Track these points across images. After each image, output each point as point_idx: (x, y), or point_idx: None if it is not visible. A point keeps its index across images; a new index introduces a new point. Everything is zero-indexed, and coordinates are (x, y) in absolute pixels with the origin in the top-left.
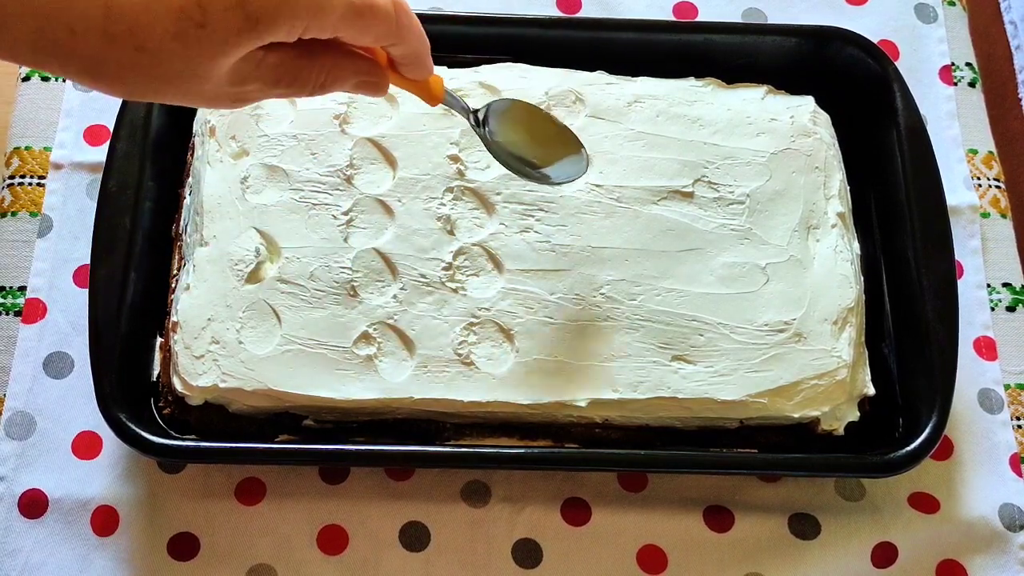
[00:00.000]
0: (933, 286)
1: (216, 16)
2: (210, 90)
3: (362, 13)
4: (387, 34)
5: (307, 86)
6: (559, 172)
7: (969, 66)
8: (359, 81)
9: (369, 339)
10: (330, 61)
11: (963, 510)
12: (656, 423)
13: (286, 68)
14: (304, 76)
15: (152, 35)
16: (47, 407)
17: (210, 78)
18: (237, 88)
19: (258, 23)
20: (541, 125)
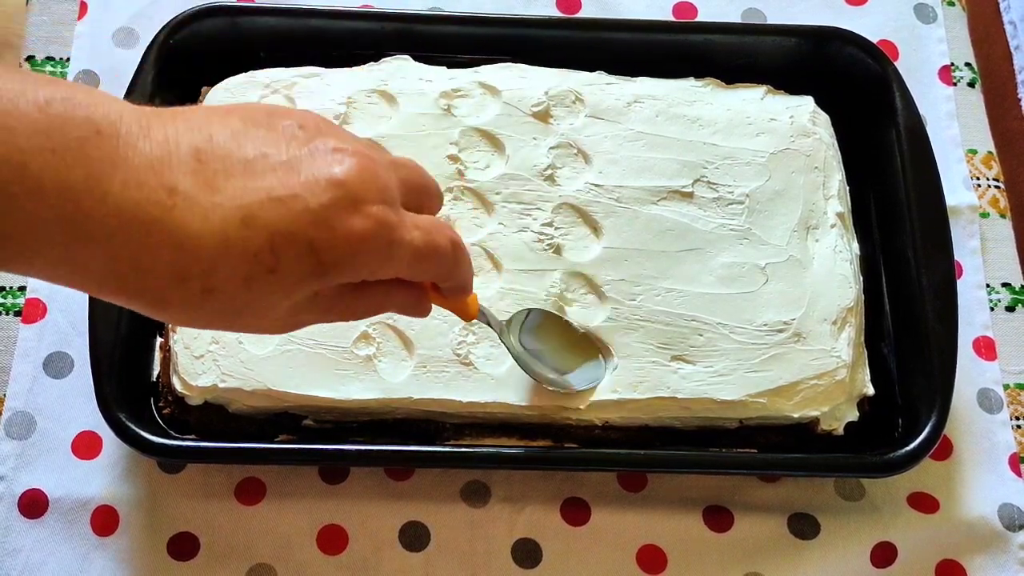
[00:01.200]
0: (933, 286)
1: (288, 263)
2: (266, 324)
3: (426, 258)
4: (444, 275)
5: (356, 315)
6: (580, 378)
7: (968, 66)
8: (404, 306)
9: (368, 339)
10: (382, 291)
11: (963, 510)
12: (656, 423)
13: (340, 300)
14: (354, 308)
15: (223, 279)
16: (47, 407)
17: (268, 315)
18: (293, 318)
19: (328, 271)
20: (564, 333)
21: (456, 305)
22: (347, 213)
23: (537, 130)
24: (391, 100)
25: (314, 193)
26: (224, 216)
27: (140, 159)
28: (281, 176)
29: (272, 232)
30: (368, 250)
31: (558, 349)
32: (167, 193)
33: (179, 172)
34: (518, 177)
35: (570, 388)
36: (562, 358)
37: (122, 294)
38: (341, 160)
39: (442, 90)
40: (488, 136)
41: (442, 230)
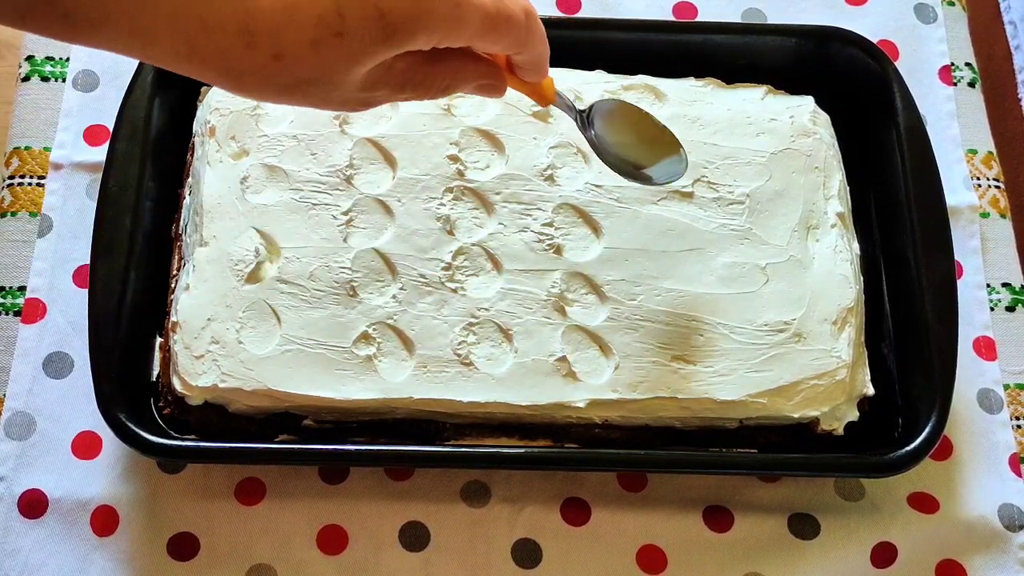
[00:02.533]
0: (933, 286)
1: (355, 26)
2: (339, 96)
3: (496, 24)
4: (517, 43)
5: (432, 90)
6: (660, 172)
7: (969, 66)
8: (480, 84)
9: (369, 339)
10: (455, 65)
11: (963, 510)
12: (656, 423)
13: (413, 73)
14: (430, 81)
15: (290, 43)
16: (47, 407)
17: (341, 85)
18: (366, 93)
19: (396, 34)
20: (643, 125)
21: (531, 88)
22: None
23: (537, 130)
24: None
25: None
26: None
27: None
28: None
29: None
30: (435, 11)
31: (637, 143)
32: None
33: None
34: (518, 177)
35: (649, 181)
36: (641, 151)
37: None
38: None
39: None
40: (488, 136)
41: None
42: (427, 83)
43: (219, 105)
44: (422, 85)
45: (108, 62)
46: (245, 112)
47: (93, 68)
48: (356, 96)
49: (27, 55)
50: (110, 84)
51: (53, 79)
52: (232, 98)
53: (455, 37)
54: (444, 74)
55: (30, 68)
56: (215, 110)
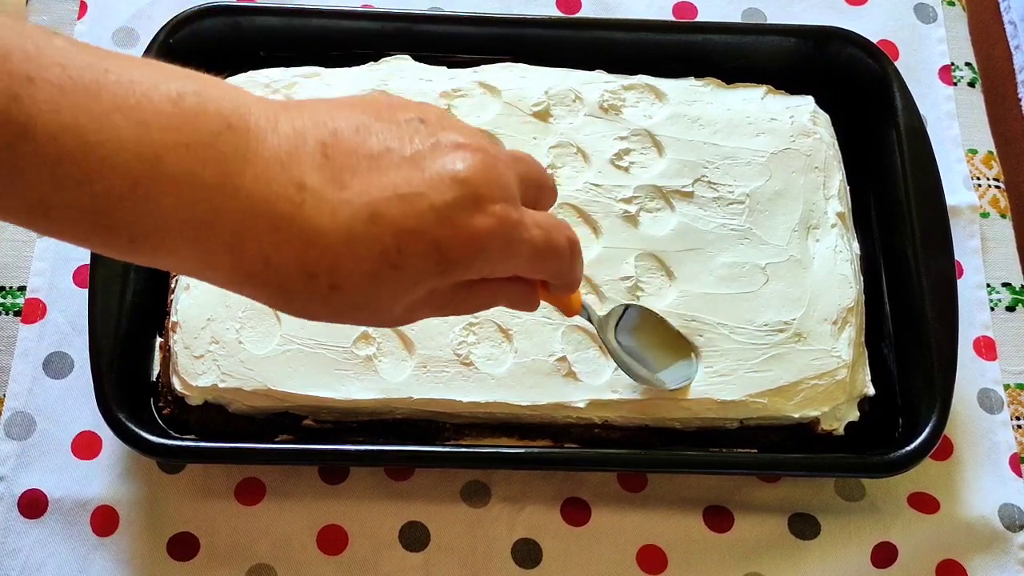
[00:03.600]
0: (933, 286)
1: (412, 260)
2: (385, 317)
3: (544, 258)
4: (559, 274)
5: (469, 309)
6: (672, 376)
7: (969, 66)
8: (515, 301)
9: (368, 339)
10: (494, 288)
11: (963, 510)
12: (655, 424)
13: (454, 296)
14: (469, 302)
15: (348, 275)
16: (47, 407)
17: (388, 311)
18: (409, 313)
19: (450, 268)
20: (659, 332)
21: (562, 301)
22: (471, 211)
23: (537, 130)
24: None
25: (439, 191)
26: (351, 213)
27: (269, 153)
28: (405, 172)
29: (398, 230)
30: (490, 248)
31: (651, 347)
32: (296, 189)
33: (307, 167)
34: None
35: (663, 386)
36: (655, 356)
37: (249, 288)
38: (464, 157)
39: (442, 90)
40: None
41: (561, 228)
42: (467, 304)
43: None
44: (462, 305)
45: None
46: None
47: None
48: (400, 317)
49: None
50: None
51: None
52: None
53: (504, 270)
54: (483, 296)
55: None
56: None
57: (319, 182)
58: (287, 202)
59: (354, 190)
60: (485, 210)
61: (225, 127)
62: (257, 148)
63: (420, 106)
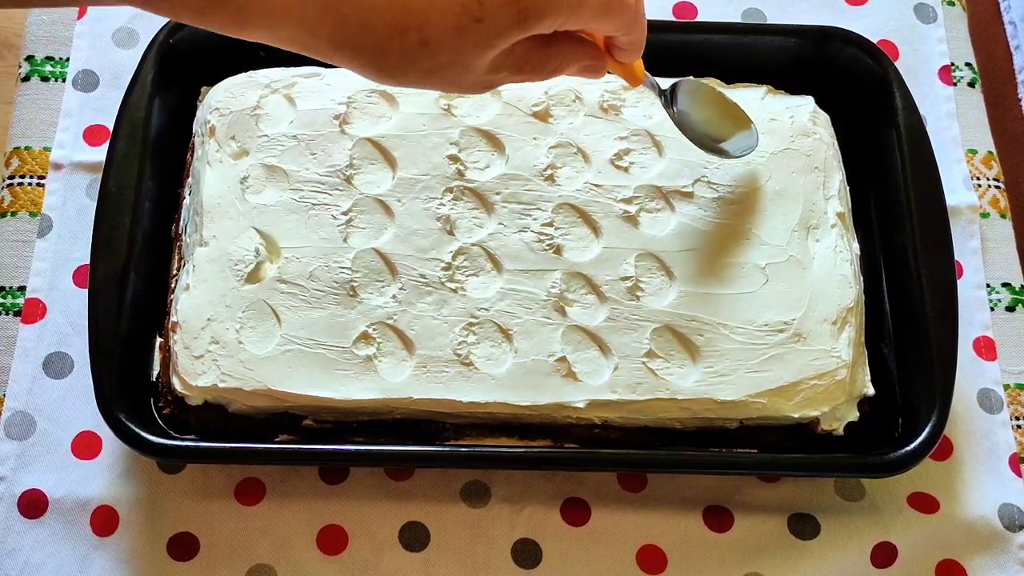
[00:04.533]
0: (933, 286)
1: (492, 12)
2: (469, 79)
3: (611, 8)
4: (626, 25)
5: (544, 72)
6: (735, 146)
7: (969, 66)
8: (584, 65)
9: (368, 339)
10: (565, 48)
11: (963, 510)
12: (655, 424)
13: (529, 56)
14: (543, 63)
15: (436, 29)
16: (47, 407)
17: (472, 68)
18: (490, 76)
19: (527, 18)
20: (719, 103)
21: (625, 69)
22: None
23: (537, 130)
24: (391, 100)
25: None
26: None
27: None
28: None
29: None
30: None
31: (714, 119)
32: None
33: None
34: (518, 177)
35: (727, 155)
36: (716, 127)
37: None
38: None
39: None
40: (488, 136)
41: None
42: (541, 65)
43: (219, 105)
44: (537, 67)
45: (108, 62)
46: (245, 112)
47: (93, 68)
48: (482, 79)
49: (27, 55)
50: (110, 84)
51: (53, 79)
52: (232, 98)
53: (575, 20)
54: (555, 56)
55: (30, 68)
56: (215, 110)
57: None
58: None
59: None
60: None
61: None
62: None
63: None
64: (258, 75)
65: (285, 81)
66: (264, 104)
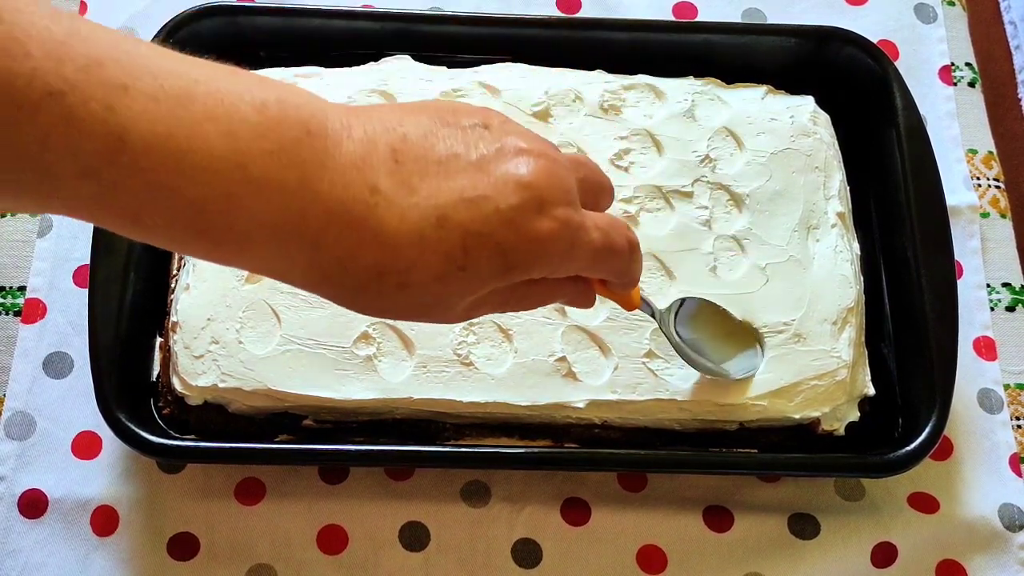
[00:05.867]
0: (933, 286)
1: (478, 261)
2: (449, 316)
3: (603, 259)
4: (618, 273)
5: (527, 306)
6: (737, 367)
7: (969, 66)
8: (571, 299)
9: (368, 339)
10: (551, 285)
11: (963, 510)
12: (655, 424)
13: (513, 293)
14: (527, 300)
15: (417, 276)
16: (47, 407)
17: (453, 308)
18: (471, 311)
19: (513, 270)
20: (719, 323)
21: (621, 297)
22: (534, 215)
23: (537, 130)
24: (391, 100)
25: (503, 195)
26: (421, 216)
27: (345, 159)
28: (471, 177)
29: (464, 232)
30: (553, 251)
31: (713, 338)
32: (370, 192)
33: (379, 171)
34: None
35: (727, 377)
36: (717, 348)
37: (324, 287)
38: (527, 162)
39: (442, 90)
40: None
41: (619, 229)
42: (525, 301)
43: None
44: (521, 302)
45: None
46: None
47: None
48: (462, 315)
49: None
50: None
51: None
52: None
53: (564, 271)
54: (541, 293)
55: None
56: None
57: (390, 186)
58: (362, 205)
59: (422, 194)
60: (548, 214)
61: (305, 134)
62: (334, 153)
63: (483, 111)
64: None
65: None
66: None
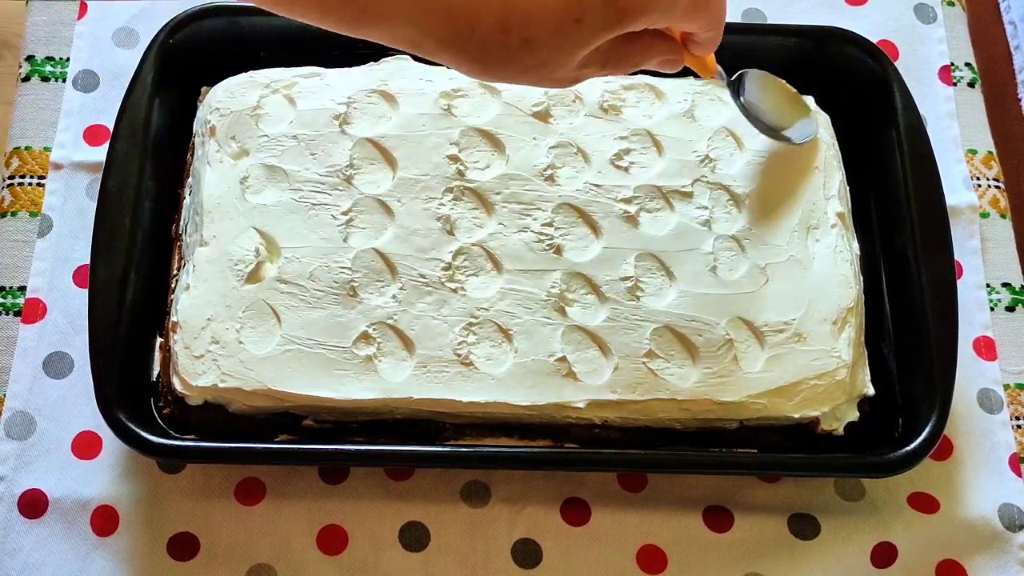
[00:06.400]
0: (933, 286)
1: (591, 11)
2: (562, 74)
3: (698, 8)
4: (710, 23)
5: (626, 66)
6: (797, 133)
7: (968, 66)
8: (663, 59)
9: (368, 339)
10: (646, 43)
11: (963, 510)
12: (655, 424)
13: (614, 52)
14: (627, 58)
15: (537, 29)
16: (47, 407)
17: (567, 64)
18: (579, 71)
19: (624, 18)
20: (781, 93)
21: (699, 61)
22: None
23: (537, 130)
24: (391, 100)
25: None
26: None
27: None
28: None
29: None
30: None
31: (776, 107)
32: None
33: None
34: (518, 177)
35: (791, 142)
36: (780, 115)
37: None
38: None
39: (442, 90)
40: (488, 136)
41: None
42: (624, 60)
43: (219, 105)
44: (621, 62)
45: (108, 62)
46: (245, 112)
47: (93, 68)
48: (572, 74)
49: (27, 55)
50: (110, 84)
51: (53, 79)
52: (232, 98)
53: (666, 19)
54: (637, 51)
55: (30, 68)
56: (215, 110)
57: None
58: None
59: None
60: None
61: None
62: None
63: None
64: (258, 75)
65: (285, 81)
66: (264, 104)
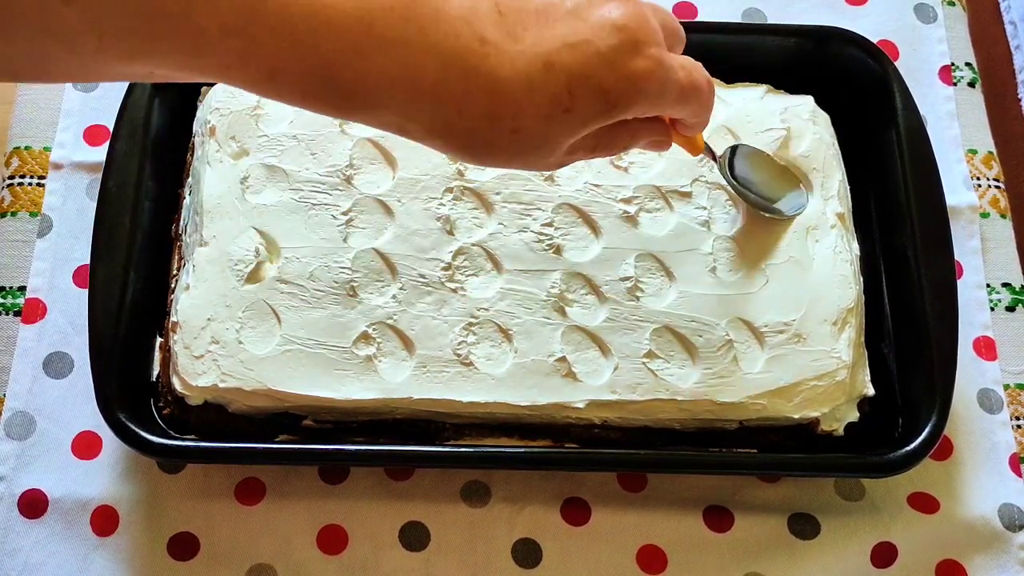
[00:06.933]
0: (933, 286)
1: (582, 102)
2: (551, 160)
3: (688, 97)
4: (699, 111)
5: (616, 150)
6: (788, 205)
7: (969, 66)
8: (652, 141)
9: (368, 339)
10: (635, 127)
11: (963, 510)
12: (655, 424)
13: (603, 137)
14: (615, 142)
15: (527, 118)
16: (47, 407)
17: (555, 151)
18: (567, 156)
19: (613, 109)
20: (770, 166)
21: (689, 140)
22: (631, 55)
23: None
24: None
25: (602, 38)
26: (528, 62)
27: (454, 12)
28: (570, 24)
29: (569, 76)
30: (648, 88)
31: (764, 181)
32: (479, 43)
33: (486, 23)
34: (518, 177)
35: (782, 215)
36: (769, 188)
37: (443, 137)
38: (618, 6)
39: None
40: None
41: (699, 68)
42: (613, 144)
43: (219, 105)
44: (609, 146)
45: None
46: (245, 112)
47: None
48: (560, 159)
49: None
50: (110, 84)
51: None
52: (232, 98)
53: (655, 109)
54: (626, 136)
55: None
56: (215, 110)
57: (498, 36)
58: (474, 54)
59: (527, 42)
60: (642, 53)
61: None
62: (445, 8)
63: None
64: None
65: None
66: (264, 104)
